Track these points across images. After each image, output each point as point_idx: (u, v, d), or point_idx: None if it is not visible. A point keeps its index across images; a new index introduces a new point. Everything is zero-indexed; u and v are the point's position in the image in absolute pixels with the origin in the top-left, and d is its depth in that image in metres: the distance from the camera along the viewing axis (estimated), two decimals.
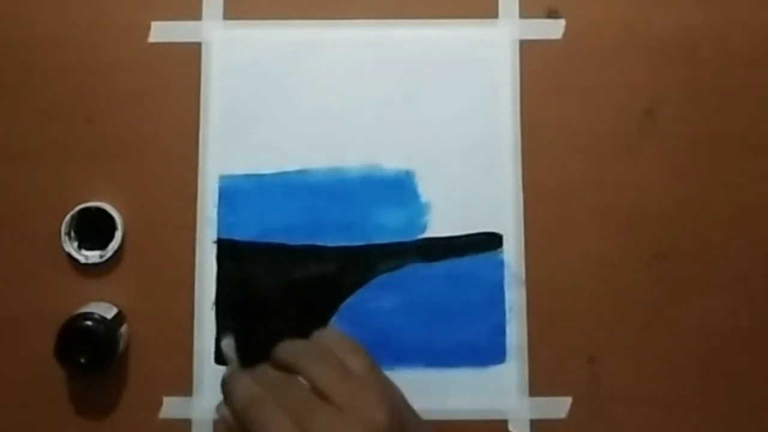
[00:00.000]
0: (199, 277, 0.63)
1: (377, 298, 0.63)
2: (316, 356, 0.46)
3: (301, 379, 0.45)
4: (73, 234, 0.63)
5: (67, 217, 0.62)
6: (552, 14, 0.66)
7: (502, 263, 0.63)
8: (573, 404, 0.62)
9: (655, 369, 0.62)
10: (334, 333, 0.49)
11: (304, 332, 0.62)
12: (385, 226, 0.63)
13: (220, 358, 0.62)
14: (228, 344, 0.57)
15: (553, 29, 0.65)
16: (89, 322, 0.58)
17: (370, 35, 0.66)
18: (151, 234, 0.63)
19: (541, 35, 0.65)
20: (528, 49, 0.65)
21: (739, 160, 0.64)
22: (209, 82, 0.65)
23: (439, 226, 0.63)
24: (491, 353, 0.62)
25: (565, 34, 0.65)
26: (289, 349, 0.48)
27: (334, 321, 0.62)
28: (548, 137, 0.64)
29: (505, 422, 0.61)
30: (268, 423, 0.42)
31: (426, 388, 0.61)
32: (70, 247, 0.62)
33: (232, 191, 0.64)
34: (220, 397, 0.49)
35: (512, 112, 0.65)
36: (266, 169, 0.64)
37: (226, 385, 0.47)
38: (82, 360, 0.58)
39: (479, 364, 0.62)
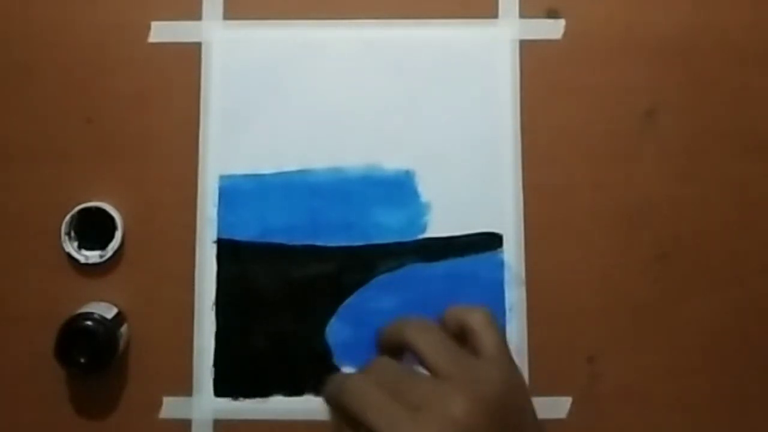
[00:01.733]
0: (199, 277, 0.63)
1: (377, 298, 0.63)
2: (423, 328, 0.40)
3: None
4: (73, 234, 0.63)
5: (67, 217, 0.62)
6: (552, 14, 0.66)
7: (502, 263, 0.63)
8: (573, 404, 0.62)
9: (654, 369, 0.62)
10: (472, 306, 0.43)
11: (304, 332, 0.63)
12: (385, 226, 0.63)
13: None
14: None
15: (553, 29, 0.65)
16: (89, 322, 0.58)
17: (370, 35, 0.66)
18: (151, 234, 0.63)
19: (541, 35, 0.65)
20: (528, 49, 0.65)
21: (739, 160, 0.64)
22: (209, 82, 0.65)
23: (439, 226, 0.63)
24: None
25: (565, 34, 0.65)
26: (394, 324, 0.42)
27: (334, 321, 0.62)
28: (548, 137, 0.64)
29: None
30: (362, 400, 0.37)
31: None
32: (70, 247, 0.62)
33: (232, 191, 0.64)
34: (219, 399, 0.48)
35: (512, 112, 0.64)
36: (266, 169, 0.64)
37: (323, 394, 0.42)
38: (82, 360, 0.58)
39: None
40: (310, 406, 0.61)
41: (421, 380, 0.38)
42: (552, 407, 0.61)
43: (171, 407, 0.62)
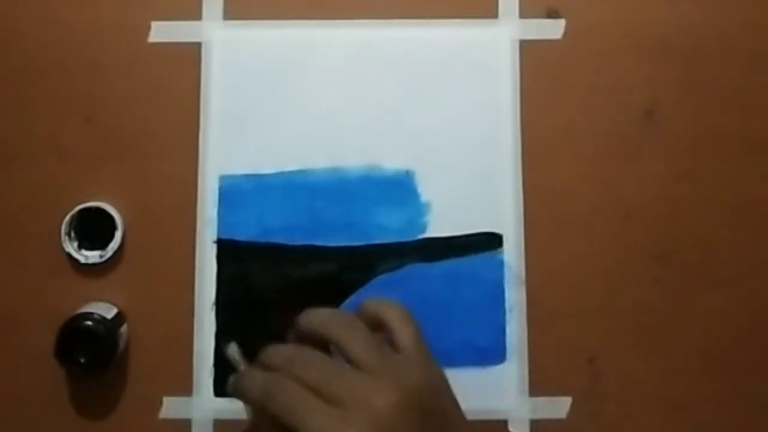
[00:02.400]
0: (199, 277, 0.63)
1: None
2: (346, 322, 0.42)
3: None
4: (73, 234, 0.63)
5: (67, 217, 0.62)
6: (552, 14, 0.66)
7: (502, 263, 0.63)
8: (573, 404, 0.62)
9: (655, 369, 0.62)
10: (387, 301, 0.44)
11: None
12: (385, 226, 0.63)
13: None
14: (233, 350, 0.51)
15: (553, 29, 0.65)
16: (89, 322, 0.58)
17: (370, 35, 0.66)
18: (151, 234, 0.63)
19: (541, 35, 0.65)
20: (528, 49, 0.65)
21: (739, 160, 0.64)
22: (209, 82, 0.65)
23: (439, 226, 0.63)
24: (491, 353, 0.62)
25: (565, 34, 0.65)
26: (316, 316, 0.43)
27: None
28: (548, 137, 0.64)
29: (505, 422, 0.61)
30: (287, 402, 0.37)
31: None
32: (70, 247, 0.62)
33: (232, 191, 0.64)
34: (219, 399, 0.48)
35: (512, 112, 0.65)
36: (266, 169, 0.64)
37: (238, 385, 0.43)
38: (82, 360, 0.58)
39: (479, 364, 0.62)
40: None
41: (345, 374, 0.39)
42: (552, 407, 0.62)
43: (171, 407, 0.62)
